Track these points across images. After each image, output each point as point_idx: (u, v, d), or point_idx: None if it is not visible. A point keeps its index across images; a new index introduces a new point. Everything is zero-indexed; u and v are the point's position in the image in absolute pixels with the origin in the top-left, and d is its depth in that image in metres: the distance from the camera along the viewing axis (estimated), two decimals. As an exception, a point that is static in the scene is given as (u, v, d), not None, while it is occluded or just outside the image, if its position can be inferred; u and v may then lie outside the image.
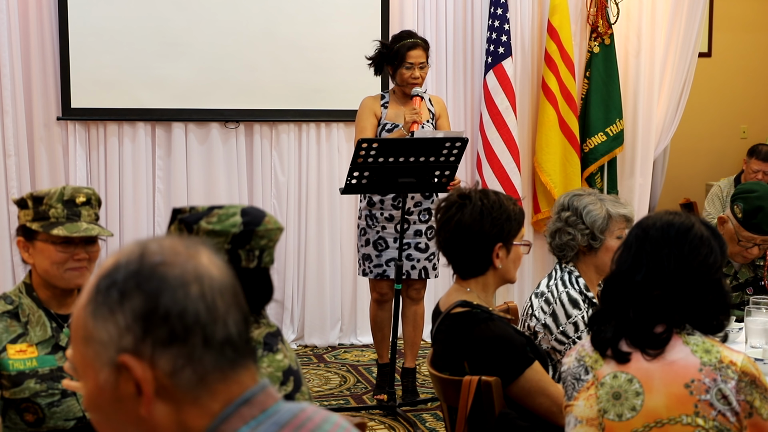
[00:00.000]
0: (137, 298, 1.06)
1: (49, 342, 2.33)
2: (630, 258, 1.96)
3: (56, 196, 2.32)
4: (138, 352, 1.05)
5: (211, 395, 1.08)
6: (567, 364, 2.04)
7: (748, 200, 3.31)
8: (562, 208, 2.84)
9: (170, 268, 1.08)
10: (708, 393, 1.85)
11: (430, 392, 4.57)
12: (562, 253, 2.83)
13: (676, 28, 6.11)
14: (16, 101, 5.13)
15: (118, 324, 1.06)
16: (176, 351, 1.06)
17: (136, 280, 1.07)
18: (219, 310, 1.09)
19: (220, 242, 1.85)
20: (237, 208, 1.89)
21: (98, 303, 1.08)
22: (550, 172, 5.81)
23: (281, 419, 1.12)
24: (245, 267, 1.89)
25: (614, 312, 1.97)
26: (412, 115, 4.38)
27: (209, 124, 5.45)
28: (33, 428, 2.28)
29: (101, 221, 5.46)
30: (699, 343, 1.90)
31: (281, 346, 1.96)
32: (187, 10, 5.36)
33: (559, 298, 2.77)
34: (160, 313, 1.06)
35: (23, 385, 2.26)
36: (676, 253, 1.92)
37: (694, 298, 1.92)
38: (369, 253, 4.53)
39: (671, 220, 1.96)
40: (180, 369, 1.06)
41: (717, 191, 6.56)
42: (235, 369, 1.10)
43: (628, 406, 1.90)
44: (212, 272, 1.11)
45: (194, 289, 1.08)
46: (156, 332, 1.05)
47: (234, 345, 1.10)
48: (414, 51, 4.49)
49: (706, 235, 1.95)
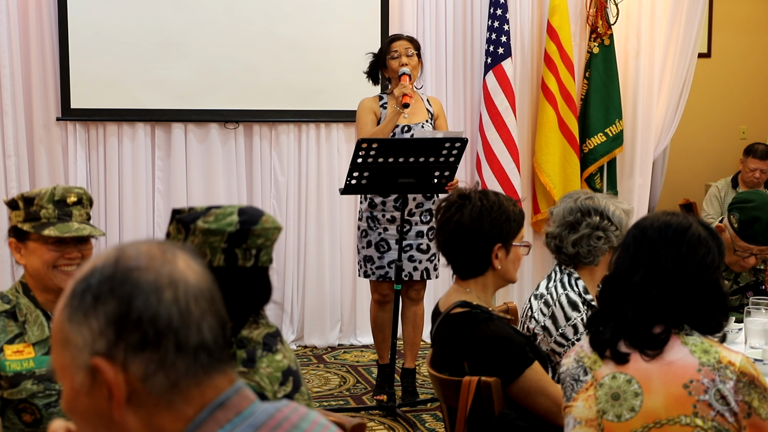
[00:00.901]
0: (110, 303, 1.07)
1: (47, 342, 2.32)
2: (628, 258, 1.96)
3: (47, 197, 2.33)
4: (111, 356, 1.06)
5: (185, 400, 1.08)
6: (566, 365, 2.04)
7: (744, 210, 3.29)
8: (584, 213, 2.77)
9: (144, 273, 1.08)
10: (707, 393, 1.85)
11: (429, 393, 4.57)
12: (588, 260, 2.78)
13: (675, 28, 6.11)
14: (15, 102, 5.13)
15: (92, 328, 1.07)
16: (148, 356, 1.06)
17: (110, 285, 1.08)
18: (193, 315, 1.09)
19: (216, 241, 1.85)
20: (234, 208, 1.89)
21: (74, 307, 1.09)
22: (549, 173, 5.81)
23: (257, 421, 1.12)
24: (242, 266, 1.88)
25: (612, 313, 1.97)
26: (401, 89, 4.40)
27: (209, 124, 5.45)
28: (31, 428, 2.28)
29: (101, 221, 5.49)
30: (697, 344, 1.90)
31: (280, 346, 1.96)
32: (187, 11, 5.36)
33: (559, 300, 2.76)
34: (133, 317, 1.06)
35: (20, 386, 2.26)
36: (674, 254, 1.92)
37: (692, 298, 1.92)
38: (371, 255, 4.53)
39: (669, 221, 1.96)
40: (152, 374, 1.06)
41: (715, 192, 6.58)
42: (209, 374, 1.10)
43: (627, 406, 1.90)
44: (188, 277, 1.11)
45: (167, 294, 1.08)
46: (128, 337, 1.06)
47: (209, 350, 1.10)
48: (397, 42, 4.56)
49: (703, 235, 1.95)
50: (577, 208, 2.81)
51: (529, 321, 2.80)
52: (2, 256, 5.12)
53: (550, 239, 2.83)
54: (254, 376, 1.87)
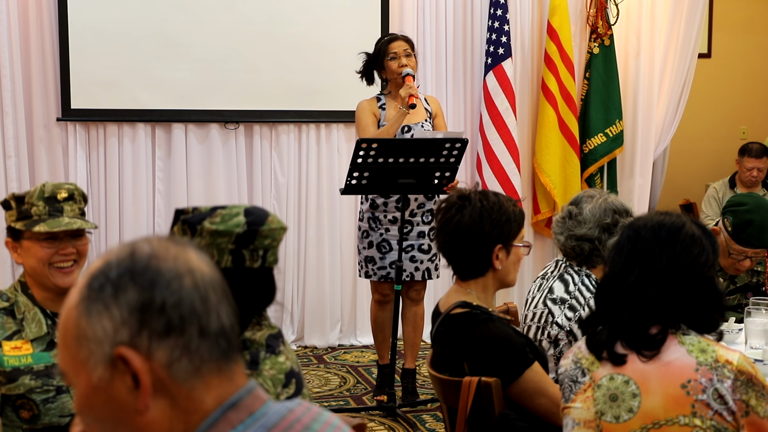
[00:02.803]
0: (132, 292, 1.07)
1: (45, 339, 2.34)
2: (622, 259, 1.96)
3: (37, 194, 2.34)
4: (135, 344, 1.06)
5: (206, 388, 1.09)
6: (564, 366, 2.04)
7: (737, 214, 3.29)
8: (619, 214, 2.75)
9: (163, 261, 1.09)
10: (705, 393, 1.85)
11: (429, 393, 4.57)
12: None
13: (675, 29, 6.11)
14: (16, 102, 5.13)
15: (114, 318, 1.07)
16: (173, 342, 1.07)
17: (130, 275, 1.08)
18: (212, 301, 1.10)
19: (224, 242, 1.84)
20: (240, 208, 1.88)
21: (91, 300, 1.08)
22: (549, 173, 5.81)
23: (269, 422, 1.12)
24: (249, 267, 1.87)
25: (608, 314, 1.97)
26: (407, 90, 4.39)
27: (209, 124, 5.45)
28: (29, 425, 2.29)
29: (101, 221, 5.49)
30: (695, 343, 1.90)
31: (283, 348, 1.95)
32: (187, 11, 5.36)
33: (587, 304, 2.72)
34: (157, 304, 1.07)
35: (18, 381, 2.28)
36: (668, 253, 1.92)
37: (687, 297, 1.92)
38: (372, 256, 4.53)
39: (662, 221, 1.96)
40: (177, 360, 1.07)
41: (713, 193, 6.59)
42: (228, 362, 1.11)
43: (625, 407, 1.90)
44: (202, 266, 1.12)
45: (188, 281, 1.09)
46: (152, 324, 1.06)
47: (227, 336, 1.11)
48: (394, 42, 4.54)
49: (697, 234, 1.95)
50: (611, 208, 2.77)
51: (551, 327, 2.76)
52: (2, 256, 5.12)
53: (583, 241, 2.77)
54: (257, 379, 1.87)
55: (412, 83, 4.43)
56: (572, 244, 2.79)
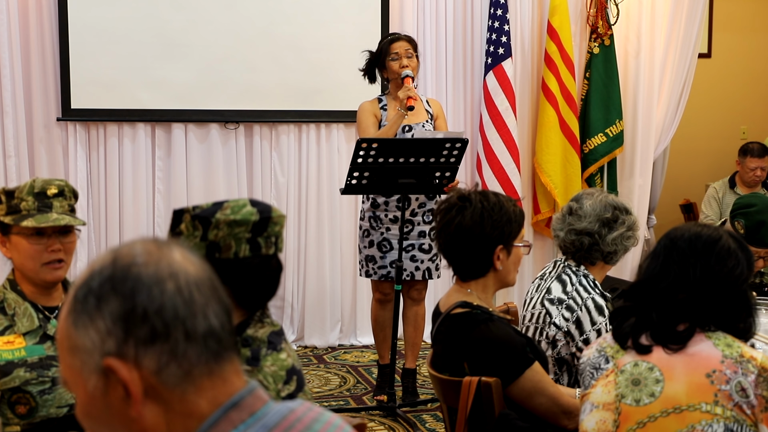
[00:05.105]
0: (114, 301, 1.07)
1: (37, 332, 2.35)
2: (658, 266, 2.00)
3: (27, 189, 2.35)
4: (122, 354, 1.06)
5: (198, 391, 1.09)
6: (587, 355, 2.08)
7: (748, 216, 3.32)
8: (620, 211, 2.78)
9: (143, 267, 1.09)
10: (728, 384, 1.89)
11: (430, 393, 4.57)
12: (616, 258, 2.79)
13: (675, 28, 6.11)
14: (16, 102, 5.13)
15: (99, 329, 1.07)
16: (159, 348, 1.07)
17: (111, 284, 1.08)
18: (197, 303, 1.09)
19: (241, 231, 1.86)
20: (244, 200, 1.92)
21: (78, 312, 1.09)
22: (550, 173, 5.81)
23: (270, 422, 1.12)
24: (266, 254, 1.91)
25: (636, 310, 2.00)
26: (405, 92, 4.39)
27: (209, 124, 5.45)
28: (26, 420, 2.29)
29: (101, 221, 5.47)
30: (720, 338, 1.94)
31: (284, 344, 1.96)
32: (187, 11, 5.36)
33: (585, 305, 2.73)
34: (139, 312, 1.07)
35: (12, 374, 2.28)
36: (703, 263, 1.96)
37: (719, 306, 1.95)
38: (373, 255, 4.53)
39: (699, 232, 1.99)
40: (165, 365, 1.07)
41: (713, 193, 6.59)
42: (219, 363, 1.11)
43: (647, 392, 1.93)
44: (187, 268, 1.11)
45: (170, 285, 1.08)
46: (137, 332, 1.06)
47: (217, 337, 1.10)
48: (396, 43, 4.54)
49: (733, 247, 1.98)
50: (611, 204, 2.79)
51: (549, 327, 2.77)
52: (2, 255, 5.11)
53: (583, 235, 2.79)
54: (258, 375, 1.88)
55: (411, 85, 4.43)
56: (572, 238, 2.81)
